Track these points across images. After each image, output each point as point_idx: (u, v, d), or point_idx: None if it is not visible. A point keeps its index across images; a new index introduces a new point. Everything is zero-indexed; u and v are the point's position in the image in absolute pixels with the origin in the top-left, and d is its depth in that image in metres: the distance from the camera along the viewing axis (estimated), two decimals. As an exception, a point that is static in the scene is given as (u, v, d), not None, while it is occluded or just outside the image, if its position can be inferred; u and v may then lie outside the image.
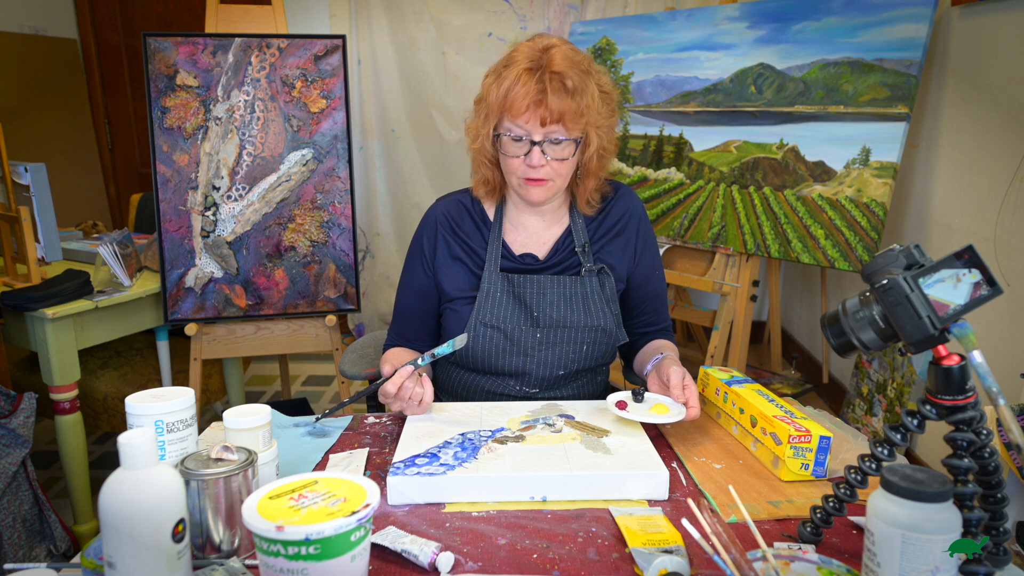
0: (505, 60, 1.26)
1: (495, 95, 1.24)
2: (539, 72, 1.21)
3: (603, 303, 1.35)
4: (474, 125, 1.32)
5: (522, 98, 1.20)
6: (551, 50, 1.23)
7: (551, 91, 1.20)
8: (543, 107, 1.20)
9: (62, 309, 2.03)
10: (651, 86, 2.93)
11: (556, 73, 1.20)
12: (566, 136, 1.24)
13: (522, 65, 1.21)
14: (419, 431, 1.11)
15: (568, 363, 1.35)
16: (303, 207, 2.36)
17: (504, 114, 1.24)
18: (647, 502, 0.97)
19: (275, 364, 3.79)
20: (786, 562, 0.81)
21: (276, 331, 2.43)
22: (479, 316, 1.33)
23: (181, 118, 2.27)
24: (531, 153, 1.24)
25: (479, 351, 1.33)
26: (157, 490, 0.70)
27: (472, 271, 1.37)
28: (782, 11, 2.57)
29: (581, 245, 1.37)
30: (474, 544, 0.86)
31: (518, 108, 1.21)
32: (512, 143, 1.25)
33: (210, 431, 1.21)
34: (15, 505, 1.90)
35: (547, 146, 1.24)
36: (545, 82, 1.20)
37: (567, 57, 1.22)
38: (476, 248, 1.38)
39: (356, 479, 0.77)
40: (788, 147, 2.46)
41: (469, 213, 1.41)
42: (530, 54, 1.23)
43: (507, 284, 1.34)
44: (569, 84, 1.21)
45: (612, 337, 1.36)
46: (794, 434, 1.00)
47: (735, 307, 2.60)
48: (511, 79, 1.21)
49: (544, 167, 1.25)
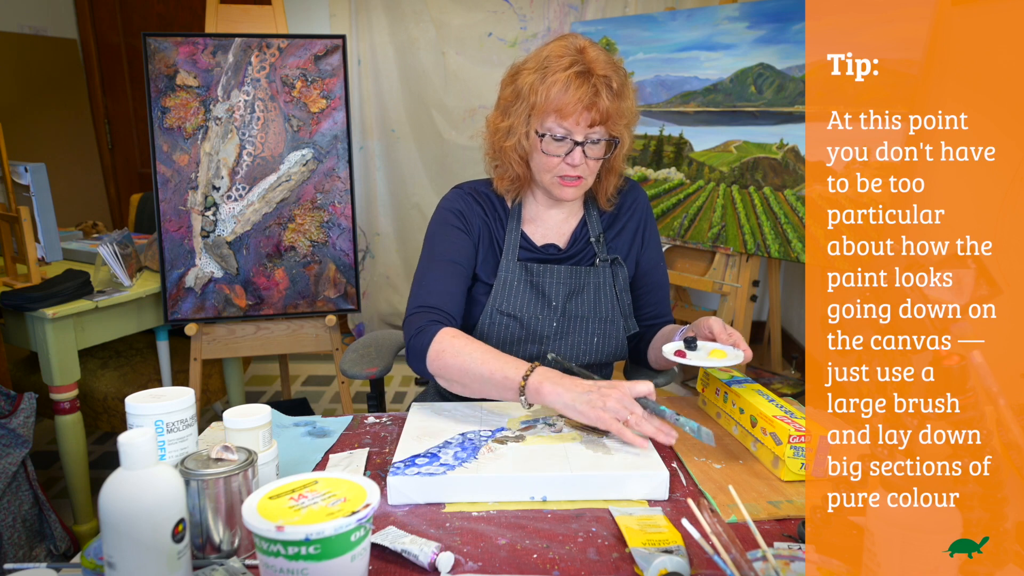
0: (541, 60, 1.26)
1: (543, 96, 1.24)
2: (589, 75, 1.22)
3: (614, 295, 1.38)
4: (506, 123, 1.31)
5: (576, 100, 1.21)
6: (587, 50, 1.24)
7: (603, 93, 1.22)
8: (595, 109, 1.22)
9: (62, 309, 2.03)
10: (651, 86, 2.93)
11: (604, 76, 1.23)
12: (607, 136, 1.27)
13: (570, 68, 1.22)
14: (419, 431, 1.11)
15: (580, 355, 1.36)
16: (303, 207, 2.36)
17: (552, 114, 1.25)
18: (647, 502, 0.97)
19: (275, 364, 3.79)
20: (786, 562, 0.81)
21: (276, 331, 2.43)
22: (495, 304, 1.34)
23: (181, 118, 2.27)
24: (573, 153, 1.26)
25: (494, 338, 1.34)
26: (157, 490, 0.70)
27: (493, 256, 1.38)
28: (782, 11, 2.57)
29: (596, 236, 1.40)
30: (474, 544, 0.86)
31: (570, 110, 1.22)
32: (554, 143, 1.26)
33: (210, 431, 1.21)
34: (15, 505, 1.90)
35: (588, 147, 1.26)
36: (598, 85, 1.22)
37: (606, 59, 1.25)
38: (496, 235, 1.38)
39: (356, 479, 0.77)
40: (788, 147, 2.47)
41: (488, 202, 1.40)
42: (570, 55, 1.23)
43: (525, 273, 1.35)
44: (615, 86, 1.23)
45: (620, 330, 1.38)
46: (794, 434, 1.00)
47: (735, 307, 2.60)
48: (562, 81, 1.22)
49: (581, 166, 1.27)
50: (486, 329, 1.34)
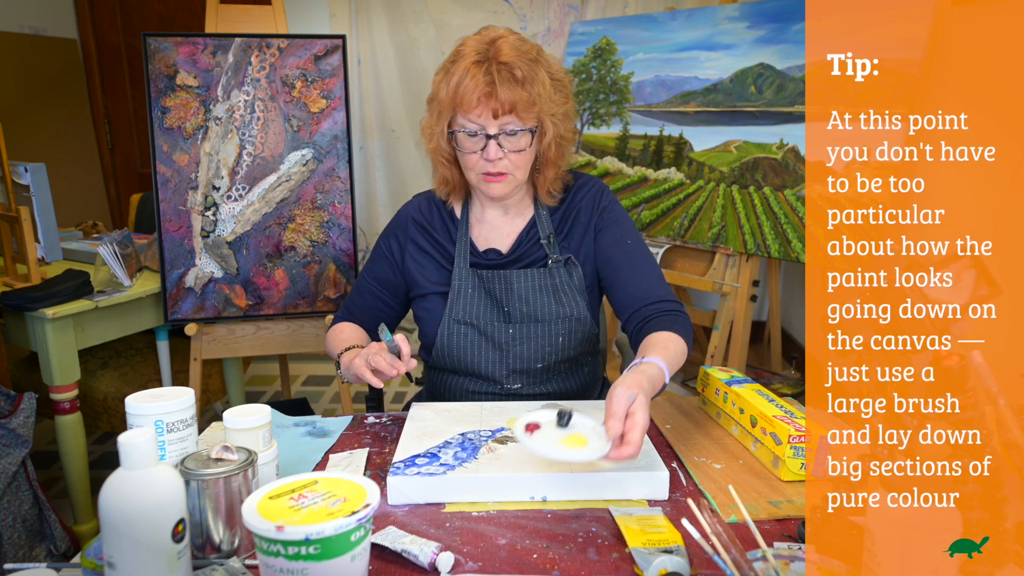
0: (453, 55, 1.24)
1: (445, 91, 1.22)
2: (487, 64, 1.19)
3: (574, 293, 1.33)
4: (428, 124, 1.30)
5: (472, 91, 1.18)
6: (498, 41, 1.21)
7: (500, 82, 1.18)
8: (494, 99, 1.19)
9: (62, 309, 2.03)
10: (651, 86, 2.93)
11: (504, 64, 1.19)
12: (521, 126, 1.22)
13: (470, 59, 1.20)
14: (419, 431, 1.11)
15: (545, 355, 1.33)
16: (303, 207, 2.36)
17: (456, 110, 1.22)
18: (647, 502, 0.97)
19: (275, 364, 3.78)
20: (786, 562, 0.81)
21: (276, 331, 2.43)
22: (452, 314, 1.32)
23: (181, 118, 2.27)
24: (487, 147, 1.22)
25: (454, 349, 1.32)
26: (157, 490, 0.70)
27: (443, 267, 1.37)
28: (782, 11, 2.57)
29: (546, 236, 1.35)
30: (474, 544, 0.86)
31: (469, 102, 1.19)
32: (467, 139, 1.23)
33: (210, 431, 1.21)
34: (15, 505, 1.90)
35: (503, 139, 1.22)
36: (493, 73, 1.18)
37: (514, 47, 1.21)
38: (446, 245, 1.37)
39: (356, 479, 0.77)
40: (788, 147, 2.47)
41: (439, 210, 1.40)
42: (477, 47, 1.21)
43: (477, 280, 1.33)
44: (518, 74, 1.19)
45: (587, 326, 1.34)
46: (794, 434, 1.00)
47: (735, 307, 2.60)
48: (459, 73, 1.19)
49: (502, 160, 1.24)
50: (446, 340, 1.32)
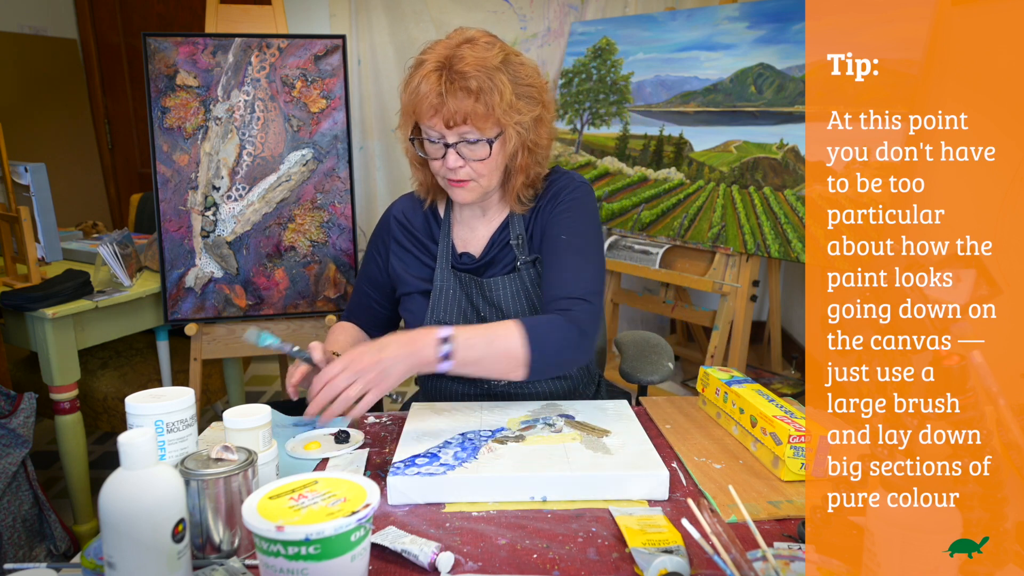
0: (417, 60, 1.21)
1: (405, 98, 1.20)
2: (441, 72, 1.15)
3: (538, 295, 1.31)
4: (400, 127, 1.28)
5: (425, 100, 1.15)
6: (463, 47, 1.17)
7: (449, 93, 1.14)
8: (444, 109, 1.15)
9: (62, 309, 2.03)
10: (651, 86, 2.93)
11: (459, 73, 1.14)
12: (479, 136, 1.17)
13: (429, 65, 1.16)
14: (419, 431, 1.11)
15: None
16: (303, 207, 2.36)
17: (415, 116, 1.20)
18: (647, 502, 0.97)
19: (275, 364, 3.79)
20: (786, 562, 0.81)
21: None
22: (433, 315, 1.32)
23: (181, 118, 2.27)
24: (447, 156, 1.19)
25: None
26: (157, 490, 0.70)
27: (426, 264, 1.36)
28: (782, 11, 2.57)
29: (516, 237, 1.31)
30: (474, 544, 0.86)
31: (423, 111, 1.16)
32: (429, 146, 1.21)
33: (210, 431, 1.21)
34: (15, 505, 1.90)
35: (462, 147, 1.18)
36: (444, 84, 1.14)
37: (476, 55, 1.16)
38: (428, 244, 1.37)
39: (356, 479, 0.77)
40: (788, 147, 2.47)
41: (422, 210, 1.39)
42: (441, 53, 1.17)
43: (458, 283, 1.33)
44: (472, 84, 1.14)
45: None
46: (794, 434, 1.00)
47: (735, 307, 2.60)
48: (417, 80, 1.16)
49: (463, 168, 1.20)
50: None
